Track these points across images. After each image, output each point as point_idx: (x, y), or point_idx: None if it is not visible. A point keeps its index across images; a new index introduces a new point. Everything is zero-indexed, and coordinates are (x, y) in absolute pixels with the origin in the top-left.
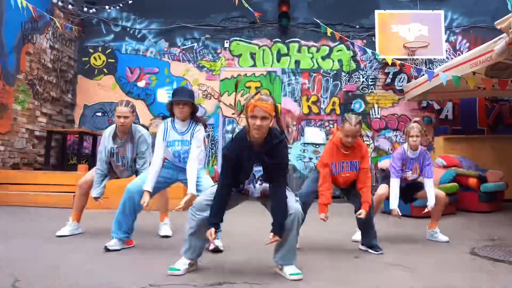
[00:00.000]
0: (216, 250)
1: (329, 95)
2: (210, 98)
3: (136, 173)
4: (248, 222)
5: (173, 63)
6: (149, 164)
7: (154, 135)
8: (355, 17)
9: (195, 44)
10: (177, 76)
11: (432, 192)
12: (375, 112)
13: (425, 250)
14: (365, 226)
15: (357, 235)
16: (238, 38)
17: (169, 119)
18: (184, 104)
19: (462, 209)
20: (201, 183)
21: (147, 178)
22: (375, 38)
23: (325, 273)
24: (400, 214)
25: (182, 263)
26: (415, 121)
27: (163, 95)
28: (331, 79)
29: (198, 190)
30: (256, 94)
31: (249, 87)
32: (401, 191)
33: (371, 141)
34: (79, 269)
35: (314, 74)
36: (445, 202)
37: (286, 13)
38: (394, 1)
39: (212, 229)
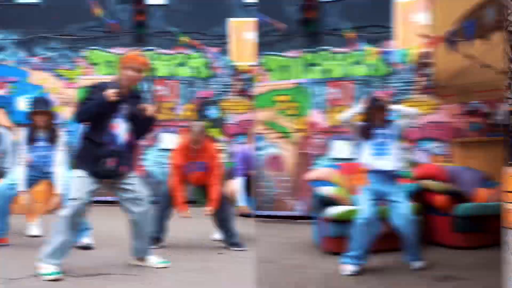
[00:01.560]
0: (87, 247)
1: (185, 101)
2: (68, 106)
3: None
4: (114, 223)
5: (32, 72)
6: (13, 165)
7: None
8: (210, 25)
9: (53, 54)
10: (36, 84)
11: None
12: (229, 118)
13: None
14: (223, 224)
15: (216, 234)
16: (95, 47)
17: (30, 127)
18: (43, 114)
19: None
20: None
21: (17, 180)
22: (229, 46)
23: (192, 264)
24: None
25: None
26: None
27: (23, 103)
28: (187, 86)
29: (65, 189)
30: (135, 51)
31: None
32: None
33: (226, 147)
34: None
35: (169, 81)
36: None
37: (142, 22)
38: (247, 9)
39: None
